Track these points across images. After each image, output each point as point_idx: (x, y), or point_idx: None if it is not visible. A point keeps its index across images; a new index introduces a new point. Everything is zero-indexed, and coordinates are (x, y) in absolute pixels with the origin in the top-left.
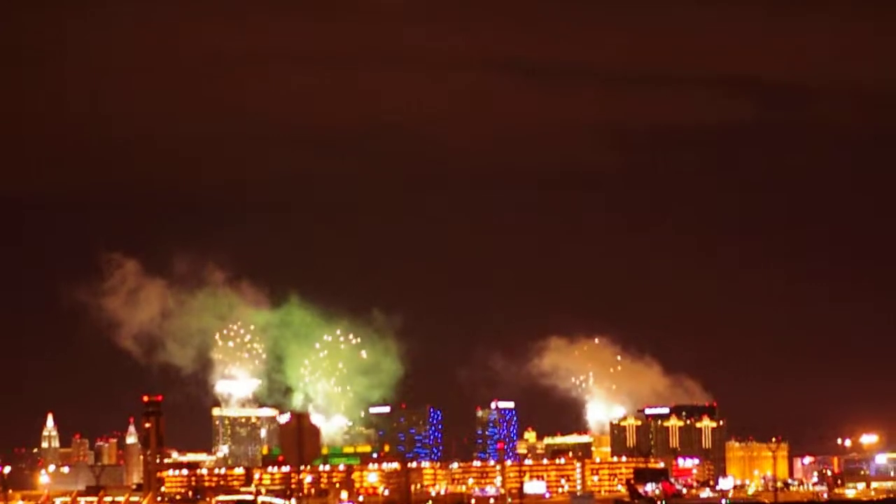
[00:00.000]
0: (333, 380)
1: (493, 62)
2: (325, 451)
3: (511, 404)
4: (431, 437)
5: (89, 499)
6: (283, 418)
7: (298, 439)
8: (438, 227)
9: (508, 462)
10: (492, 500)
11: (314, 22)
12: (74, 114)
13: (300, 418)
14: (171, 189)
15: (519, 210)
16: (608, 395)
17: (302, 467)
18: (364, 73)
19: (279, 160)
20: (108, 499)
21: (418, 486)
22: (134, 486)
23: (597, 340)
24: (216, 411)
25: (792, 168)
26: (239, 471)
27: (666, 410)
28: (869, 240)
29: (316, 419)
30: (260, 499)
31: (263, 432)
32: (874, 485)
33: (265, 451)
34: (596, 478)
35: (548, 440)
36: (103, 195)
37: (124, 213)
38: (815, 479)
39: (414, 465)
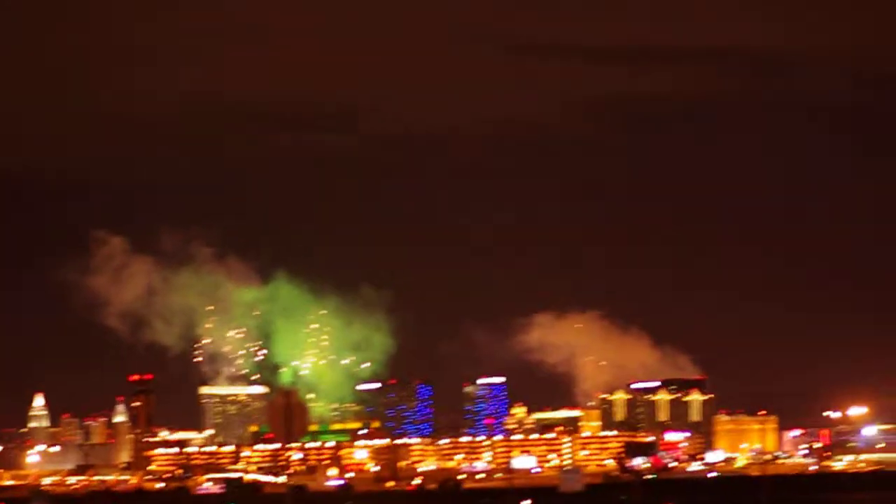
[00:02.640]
0: (322, 356)
1: (471, 37)
2: (313, 427)
3: (501, 380)
4: (420, 412)
5: (78, 477)
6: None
7: (286, 416)
8: (425, 204)
9: (497, 437)
10: (481, 476)
11: None
12: (60, 87)
13: (288, 395)
14: (157, 165)
15: (504, 185)
16: (597, 370)
17: (290, 444)
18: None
19: (265, 137)
20: (98, 478)
21: (407, 462)
22: (123, 465)
23: (584, 315)
24: (204, 389)
25: (781, 140)
26: (228, 449)
27: (655, 384)
28: (855, 212)
29: (305, 396)
30: (247, 476)
31: (251, 410)
32: (863, 457)
33: (254, 428)
34: (585, 452)
35: (537, 415)
36: (88, 173)
37: (109, 191)
38: (803, 452)
39: (403, 441)
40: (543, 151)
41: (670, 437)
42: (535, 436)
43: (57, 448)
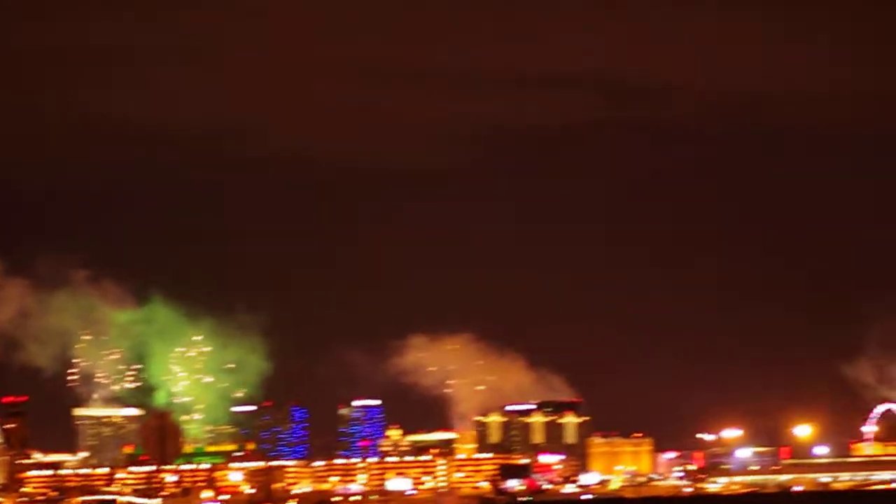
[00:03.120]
0: (197, 378)
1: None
2: (188, 449)
3: (375, 402)
4: (295, 435)
5: None
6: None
7: (160, 438)
8: (298, 226)
9: (372, 459)
10: (356, 498)
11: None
12: None
13: (162, 417)
14: (32, 185)
15: (378, 208)
16: (472, 392)
17: (165, 466)
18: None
19: (142, 159)
20: None
21: (282, 484)
22: None
23: (459, 337)
24: (79, 411)
25: (643, 163)
26: (102, 471)
27: (530, 407)
28: (735, 232)
29: (179, 418)
30: (121, 499)
31: (126, 431)
32: (737, 479)
33: (128, 450)
34: (460, 474)
35: (412, 437)
36: None
37: None
38: (678, 474)
39: (278, 463)
40: (421, 179)
41: (545, 459)
42: (411, 458)
43: None
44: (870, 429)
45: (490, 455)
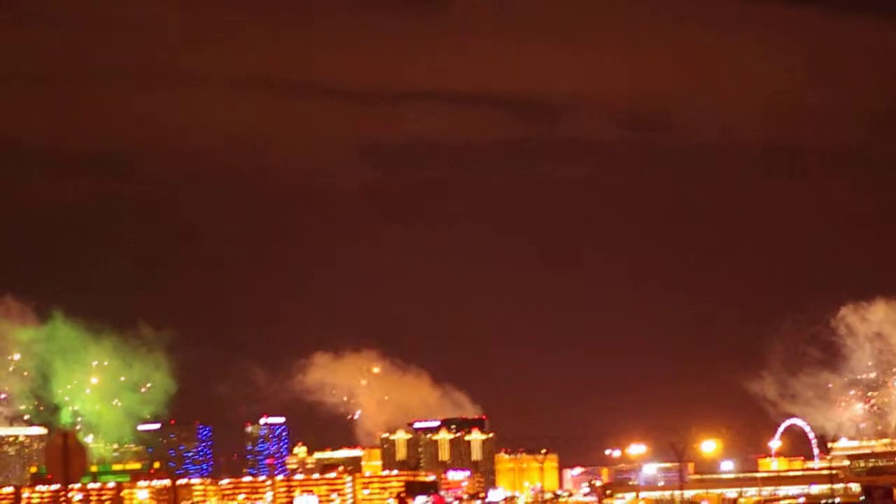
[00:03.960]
0: (102, 396)
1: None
2: (94, 468)
3: (281, 420)
4: (201, 452)
5: None
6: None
7: (64, 457)
8: (203, 244)
9: (279, 477)
10: None
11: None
12: None
13: (66, 436)
14: None
15: (283, 223)
16: (378, 409)
17: (71, 485)
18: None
19: (42, 178)
20: None
21: (188, 502)
22: None
23: (362, 354)
24: None
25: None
26: (7, 490)
27: (435, 423)
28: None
29: (85, 436)
30: None
31: (31, 451)
32: (643, 494)
33: (33, 469)
34: (367, 491)
35: (318, 455)
36: None
37: None
38: (585, 490)
39: (184, 481)
40: (317, 195)
41: (452, 475)
42: (317, 475)
43: None
44: (775, 444)
45: (396, 472)
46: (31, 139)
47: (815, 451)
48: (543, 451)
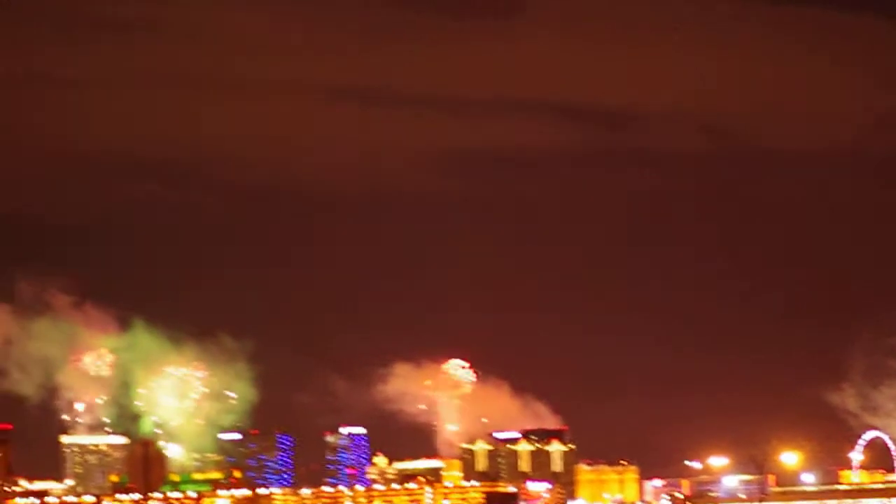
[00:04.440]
0: (183, 405)
1: (323, 89)
2: (175, 477)
3: (361, 430)
4: (281, 462)
5: None
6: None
7: (145, 466)
8: (281, 251)
9: (359, 487)
10: None
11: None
12: None
13: (147, 445)
14: (12, 214)
15: (361, 234)
16: (458, 420)
17: (151, 494)
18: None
19: (119, 186)
20: None
21: None
22: None
23: (444, 364)
24: (65, 439)
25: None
26: (89, 499)
27: (516, 435)
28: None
29: (166, 445)
30: None
31: (112, 459)
32: None
33: (114, 478)
34: (447, 502)
35: (398, 465)
36: None
37: None
38: (664, 502)
39: (264, 491)
40: (400, 204)
41: (532, 487)
42: (397, 486)
43: None
44: (857, 456)
45: (477, 483)
46: (105, 146)
47: None
48: (623, 462)
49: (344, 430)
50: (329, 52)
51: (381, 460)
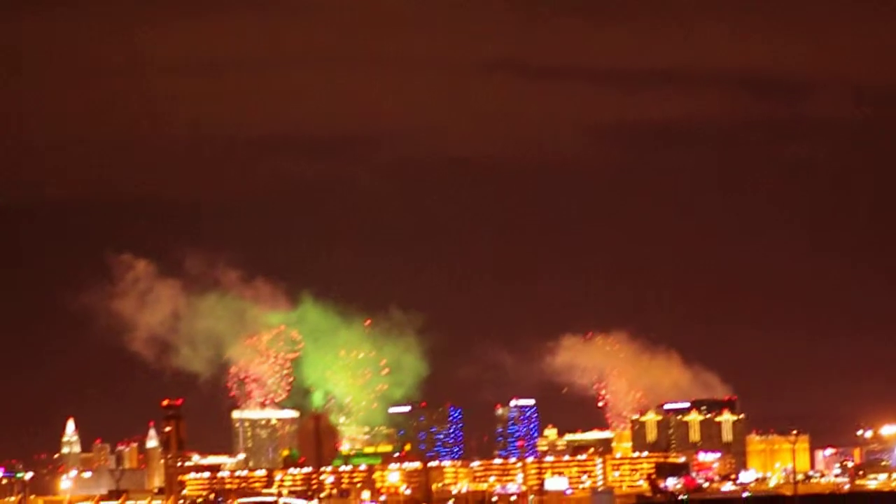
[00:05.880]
0: (353, 379)
1: (488, 63)
2: (345, 451)
3: (531, 402)
4: (452, 435)
5: (111, 502)
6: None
7: (317, 440)
8: (441, 227)
9: (529, 459)
10: (514, 498)
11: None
12: (67, 114)
13: (318, 419)
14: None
15: (525, 206)
16: (627, 391)
17: (322, 468)
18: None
19: (284, 164)
20: (130, 502)
21: (440, 484)
22: (156, 490)
23: (612, 336)
24: (236, 414)
25: (794, 161)
26: (260, 473)
27: (686, 405)
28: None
29: (336, 419)
30: (281, 500)
31: (283, 434)
32: None
33: (285, 452)
34: (617, 473)
35: (568, 437)
36: (107, 196)
37: (131, 214)
38: (836, 471)
39: (435, 463)
40: (560, 176)
41: (702, 457)
42: (567, 457)
43: (89, 473)
44: None
45: (647, 454)
46: (275, 126)
47: None
48: (794, 431)
49: (513, 403)
50: (479, 25)
51: (551, 432)
